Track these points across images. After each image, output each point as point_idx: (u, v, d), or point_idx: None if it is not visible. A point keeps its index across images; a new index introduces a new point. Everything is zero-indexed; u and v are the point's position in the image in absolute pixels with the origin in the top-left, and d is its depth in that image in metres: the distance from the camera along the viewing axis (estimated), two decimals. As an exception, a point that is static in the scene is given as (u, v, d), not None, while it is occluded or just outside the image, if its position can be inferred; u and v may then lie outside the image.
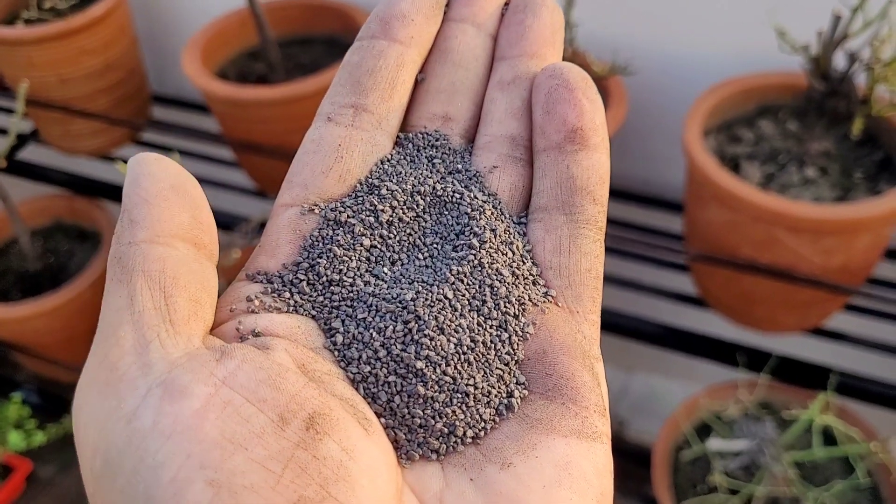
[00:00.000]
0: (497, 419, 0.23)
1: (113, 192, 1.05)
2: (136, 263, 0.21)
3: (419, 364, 0.22)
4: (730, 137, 0.74)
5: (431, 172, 0.26)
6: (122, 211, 0.22)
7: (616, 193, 0.88)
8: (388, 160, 0.26)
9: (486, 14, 0.28)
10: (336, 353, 0.23)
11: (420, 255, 0.25)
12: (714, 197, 0.68)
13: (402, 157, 0.26)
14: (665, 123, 0.83)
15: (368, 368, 0.22)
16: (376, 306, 0.23)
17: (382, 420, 0.22)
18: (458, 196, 0.25)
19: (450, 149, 0.27)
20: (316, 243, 0.24)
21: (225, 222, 0.93)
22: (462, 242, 0.25)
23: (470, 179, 0.26)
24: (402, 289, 0.24)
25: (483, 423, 0.22)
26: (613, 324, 0.82)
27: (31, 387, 1.14)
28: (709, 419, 0.77)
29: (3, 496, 1.06)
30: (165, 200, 0.22)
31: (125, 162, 0.72)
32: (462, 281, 0.24)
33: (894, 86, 0.62)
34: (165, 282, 0.21)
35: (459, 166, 0.26)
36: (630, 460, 1.08)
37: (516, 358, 0.23)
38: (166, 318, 0.21)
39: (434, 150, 0.27)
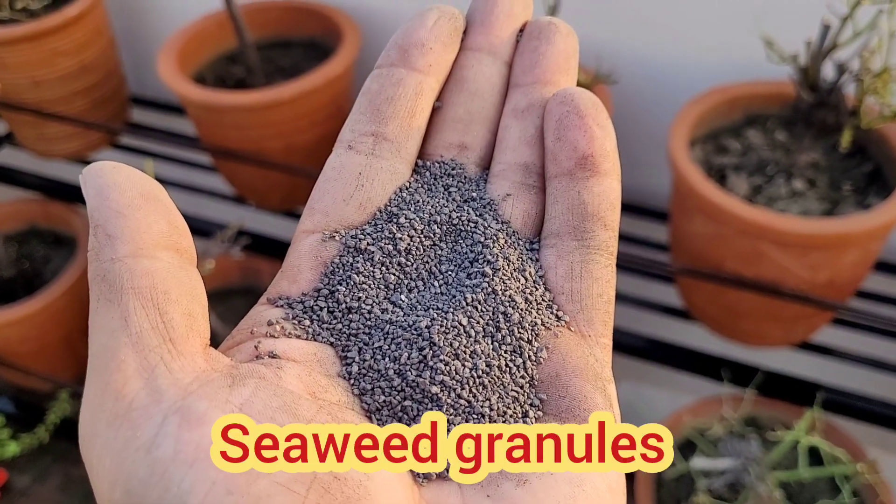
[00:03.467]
0: None
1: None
2: (125, 280, 0.20)
3: (434, 389, 0.23)
4: (716, 147, 0.73)
5: (448, 201, 0.27)
6: (95, 226, 0.21)
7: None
8: (407, 188, 0.27)
9: (502, 42, 0.28)
10: (351, 381, 0.23)
11: (436, 283, 0.25)
12: (699, 209, 0.66)
13: (419, 186, 0.27)
14: (650, 132, 0.81)
15: (383, 398, 0.23)
16: (392, 334, 0.24)
17: None
18: (472, 225, 0.26)
19: (465, 177, 0.27)
20: (336, 270, 0.25)
21: (203, 229, 0.91)
22: (476, 270, 0.25)
23: (484, 208, 0.27)
24: (418, 316, 0.24)
25: None
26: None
27: (5, 396, 1.12)
28: (692, 436, 0.76)
29: (-23, 506, 1.05)
30: (139, 210, 0.21)
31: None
32: (476, 308, 0.24)
33: (884, 97, 0.60)
34: (158, 298, 0.21)
35: (474, 194, 0.27)
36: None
37: (531, 381, 0.24)
38: (166, 337, 0.20)
39: (450, 179, 0.27)
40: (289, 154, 0.83)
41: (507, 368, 0.24)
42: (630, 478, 0.78)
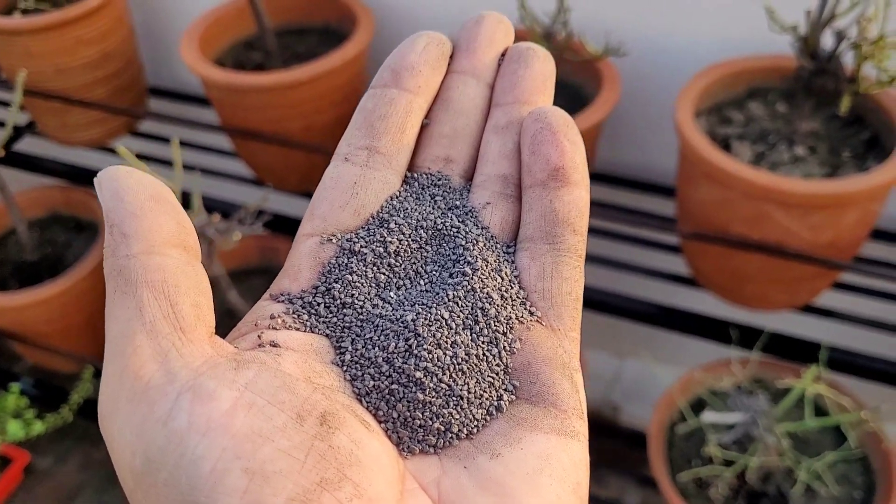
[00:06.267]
0: (488, 418, 0.26)
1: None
2: (139, 275, 0.23)
3: (418, 374, 0.25)
4: (720, 119, 0.76)
5: (433, 208, 0.29)
6: (111, 225, 0.23)
7: (607, 178, 0.90)
8: (397, 196, 0.29)
9: (485, 65, 0.31)
10: (344, 368, 0.26)
11: (422, 281, 0.28)
12: (706, 175, 0.69)
13: (408, 195, 0.30)
14: (656, 108, 0.84)
15: (373, 383, 0.25)
16: (382, 326, 0.26)
17: (385, 425, 0.25)
18: (455, 230, 0.29)
19: (450, 187, 0.30)
20: (333, 270, 0.28)
21: (221, 209, 0.93)
22: (457, 270, 0.28)
23: (466, 215, 0.29)
24: (405, 310, 0.27)
25: (476, 422, 0.25)
26: (607, 304, 0.83)
27: (29, 378, 1.14)
28: (703, 394, 0.78)
29: (2, 486, 1.07)
30: (151, 211, 0.24)
31: (125, 148, 0.73)
32: (457, 303, 0.27)
33: (880, 63, 0.63)
34: (169, 290, 0.23)
35: (458, 203, 0.30)
36: (624, 443, 1.09)
37: (505, 368, 0.26)
38: (176, 325, 0.23)
39: (436, 189, 0.30)
40: (308, 134, 0.86)
41: (484, 357, 0.26)
42: (640, 443, 0.81)
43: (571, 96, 0.83)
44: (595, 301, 0.83)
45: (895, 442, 0.75)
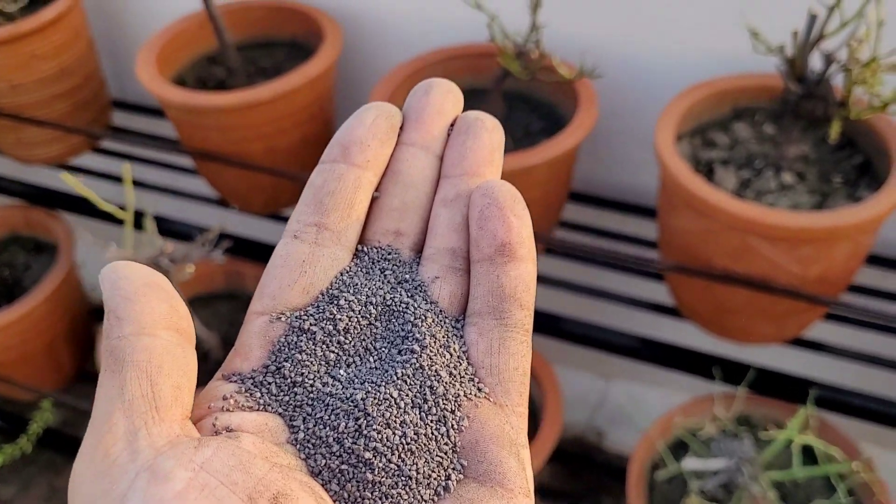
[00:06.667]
0: (436, 499, 0.26)
1: (70, 203, 1.01)
2: (126, 355, 0.24)
3: (367, 455, 0.25)
4: (704, 142, 0.71)
5: (383, 283, 0.30)
6: (108, 311, 0.25)
7: (588, 199, 0.86)
8: (347, 272, 0.30)
9: (433, 137, 0.31)
10: (298, 447, 0.26)
11: (371, 359, 0.28)
12: (687, 204, 0.65)
13: (358, 269, 0.30)
14: (637, 127, 0.80)
15: (324, 462, 0.26)
16: (332, 405, 0.27)
17: None
18: (404, 305, 0.29)
19: (400, 261, 0.30)
20: (283, 348, 0.28)
21: (185, 232, 0.89)
22: (406, 347, 0.28)
23: (415, 289, 0.29)
24: (354, 389, 0.27)
25: (424, 503, 0.26)
26: (588, 336, 0.79)
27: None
28: (685, 436, 0.74)
29: (-40, 519, 1.03)
30: (144, 296, 0.25)
31: (71, 171, 0.68)
32: (406, 381, 0.27)
33: (872, 87, 0.59)
34: (152, 370, 0.24)
35: (407, 276, 0.30)
36: (606, 475, 1.05)
37: (453, 447, 0.27)
38: (152, 404, 0.23)
39: (386, 263, 0.30)
40: (271, 155, 0.82)
41: (433, 436, 0.26)
42: (622, 480, 0.77)
43: (547, 116, 0.78)
44: (574, 334, 0.79)
45: (890, 482, 0.70)
